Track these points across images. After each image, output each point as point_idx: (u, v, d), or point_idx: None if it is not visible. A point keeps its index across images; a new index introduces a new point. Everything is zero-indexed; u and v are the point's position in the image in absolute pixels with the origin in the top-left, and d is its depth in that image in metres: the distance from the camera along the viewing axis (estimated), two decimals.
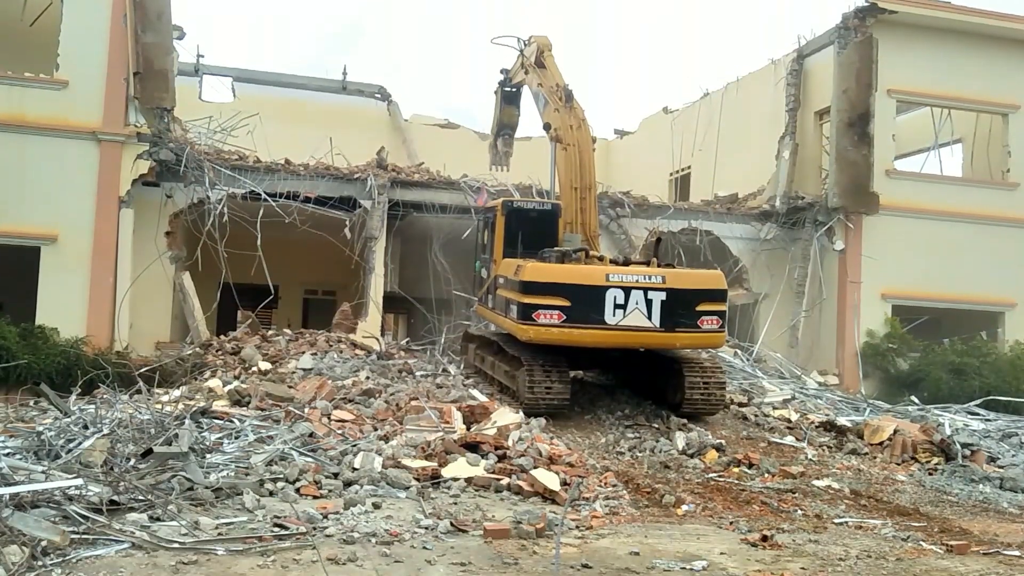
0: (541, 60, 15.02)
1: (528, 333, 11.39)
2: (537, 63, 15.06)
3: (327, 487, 8.48)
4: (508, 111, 17.37)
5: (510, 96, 17.20)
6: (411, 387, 12.77)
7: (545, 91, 14.57)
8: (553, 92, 14.38)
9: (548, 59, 15.00)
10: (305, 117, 24.10)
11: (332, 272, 20.16)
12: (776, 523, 8.28)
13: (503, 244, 13.33)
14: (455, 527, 7.40)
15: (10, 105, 15.33)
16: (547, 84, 14.62)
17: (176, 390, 12.71)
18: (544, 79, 14.74)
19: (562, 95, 14.16)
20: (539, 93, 14.89)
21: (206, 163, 16.46)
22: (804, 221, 19.35)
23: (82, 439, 8.90)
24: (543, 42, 15.17)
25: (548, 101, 14.40)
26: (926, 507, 9.64)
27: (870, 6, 18.68)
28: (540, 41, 15.21)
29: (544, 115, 14.62)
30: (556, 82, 14.56)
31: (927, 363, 18.10)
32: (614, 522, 8.01)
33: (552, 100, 14.27)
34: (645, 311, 11.28)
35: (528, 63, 15.38)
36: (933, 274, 19.13)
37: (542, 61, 14.99)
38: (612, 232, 18.53)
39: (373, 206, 17.18)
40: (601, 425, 12.03)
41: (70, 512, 6.85)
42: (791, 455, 11.54)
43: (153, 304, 16.18)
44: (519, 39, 15.77)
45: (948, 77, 19.40)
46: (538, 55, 15.08)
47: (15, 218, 15.23)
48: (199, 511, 7.42)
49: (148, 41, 15.94)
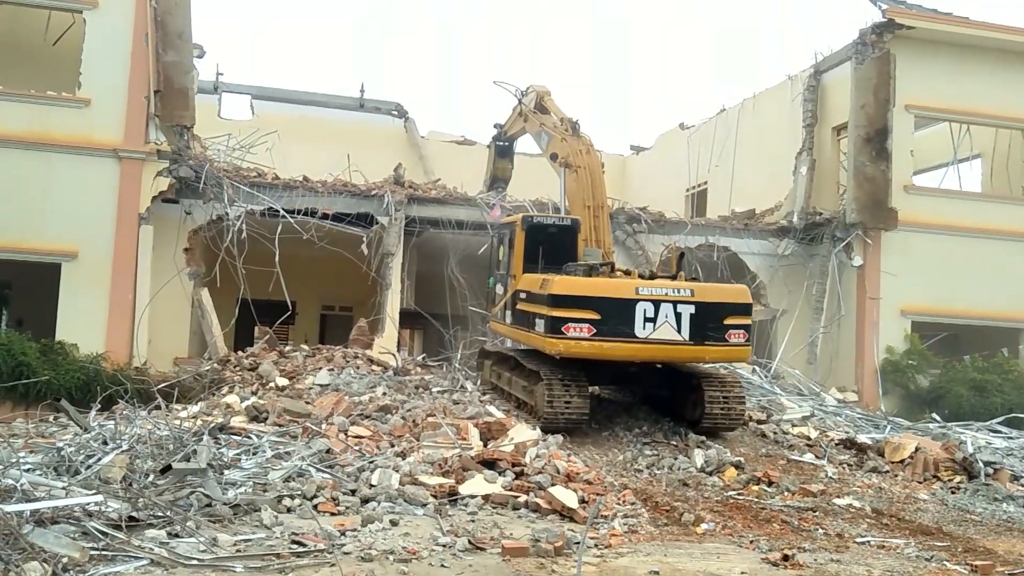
0: (542, 105, 15.76)
1: (558, 347, 11.30)
2: (538, 108, 15.75)
3: (344, 504, 8.46)
4: (501, 164, 18.26)
5: (503, 150, 18.12)
6: (428, 403, 12.74)
7: (548, 128, 15.10)
8: (558, 127, 14.88)
9: (549, 103, 15.77)
10: (323, 134, 24.31)
11: (349, 288, 20.26)
12: (797, 542, 8.18)
13: (523, 259, 13.29)
14: (473, 545, 7.36)
15: (33, 123, 15.53)
16: (549, 123, 15.19)
17: (194, 406, 12.77)
18: (546, 120, 15.36)
19: (568, 127, 14.61)
20: (541, 132, 15.42)
21: (225, 180, 16.60)
22: (822, 237, 19.28)
23: (101, 455, 8.96)
24: (542, 90, 16.02)
25: (552, 136, 14.85)
26: (949, 526, 9.50)
27: (888, 22, 18.64)
28: (539, 90, 16.06)
29: (549, 148, 15.06)
30: (560, 117, 15.13)
31: (948, 380, 17.94)
32: (633, 541, 7.93)
33: (558, 133, 14.73)
34: (675, 324, 11.25)
35: (528, 110, 16.06)
36: (953, 290, 18.96)
37: (543, 106, 15.72)
38: (629, 248, 18.53)
39: (390, 222, 17.26)
40: (619, 442, 11.96)
41: (90, 528, 6.85)
42: (811, 473, 11.43)
43: (171, 320, 16.26)
44: (517, 88, 16.43)
45: (966, 92, 19.28)
46: (538, 101, 15.83)
47: (36, 235, 15.40)
48: (217, 528, 7.41)
49: (169, 60, 16.14)
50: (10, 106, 15.55)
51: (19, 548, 6.05)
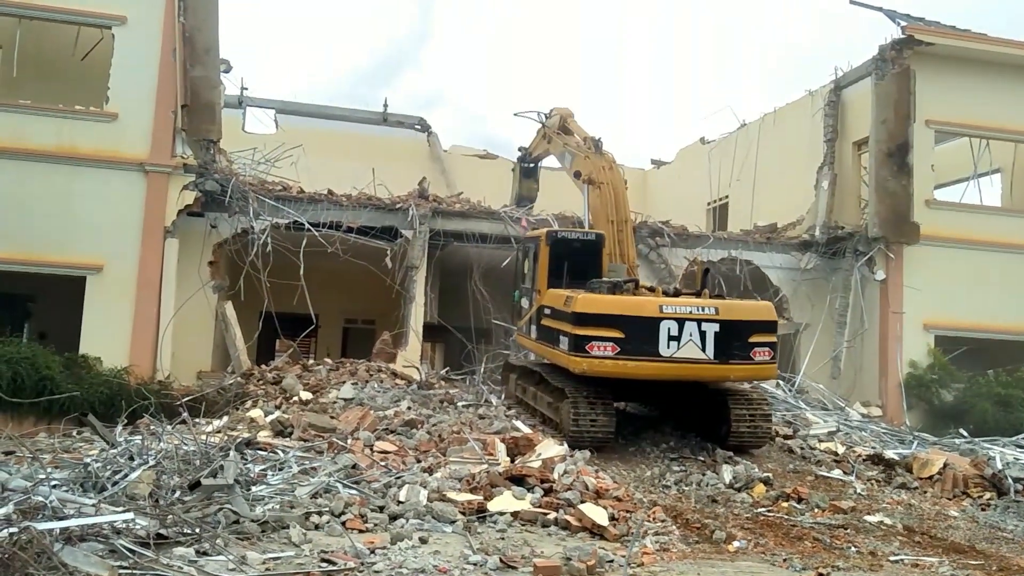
0: (565, 126, 15.92)
1: (581, 365, 11.21)
2: (562, 129, 15.89)
3: (372, 520, 8.40)
4: (527, 185, 18.51)
5: (528, 171, 18.37)
6: (453, 418, 12.72)
7: (572, 148, 15.21)
8: (581, 146, 14.99)
9: (572, 124, 15.94)
10: (347, 148, 24.47)
11: (371, 301, 20.28)
12: (830, 560, 8.08)
13: (548, 274, 13.27)
14: (504, 563, 7.29)
15: (61, 137, 15.68)
16: (573, 143, 15.29)
17: (219, 420, 12.79)
18: (569, 140, 15.48)
19: (591, 145, 14.70)
20: (564, 153, 15.53)
21: (251, 194, 16.70)
22: (844, 251, 19.21)
23: (128, 471, 8.93)
24: (565, 112, 16.23)
25: (575, 155, 14.97)
26: (981, 544, 9.38)
27: (907, 38, 18.66)
28: (562, 112, 16.27)
29: (572, 167, 15.13)
30: (583, 136, 15.25)
31: (972, 395, 17.79)
32: (665, 559, 7.85)
33: (581, 152, 14.83)
34: (699, 343, 11.12)
35: (551, 132, 16.18)
36: (976, 304, 18.87)
37: (566, 127, 15.88)
38: (652, 262, 18.51)
39: (414, 236, 17.31)
40: (646, 458, 11.88)
41: (118, 546, 6.79)
42: (839, 489, 11.31)
43: (195, 333, 16.31)
44: (540, 113, 16.62)
45: (986, 108, 19.27)
46: (561, 123, 15.98)
47: (63, 248, 15.51)
48: (246, 545, 7.36)
49: (196, 75, 16.29)
50: (39, 121, 15.71)
51: (51, 567, 6.01)
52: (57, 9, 15.97)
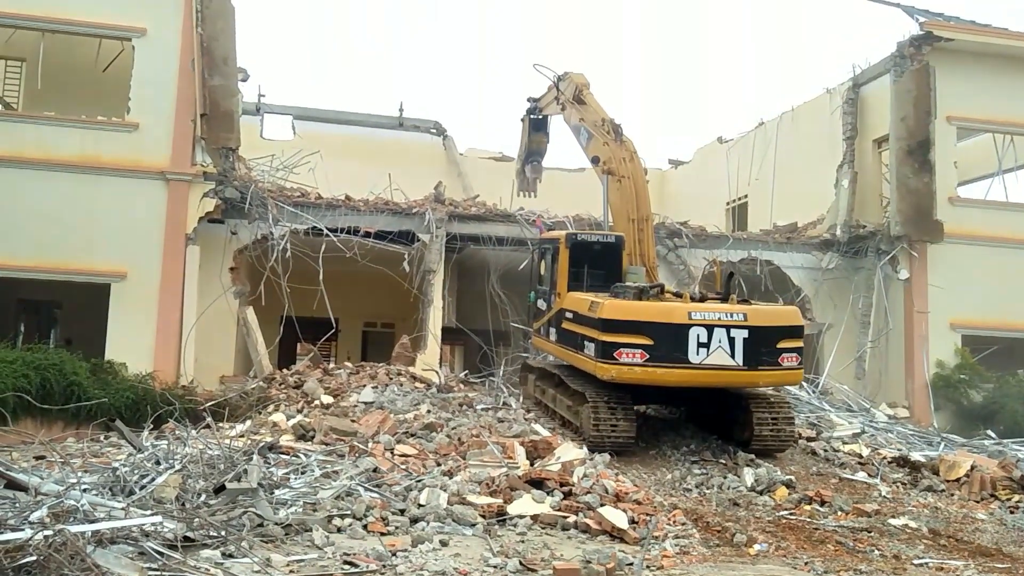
0: (580, 97, 15.01)
1: (610, 372, 11.13)
2: (576, 99, 15.04)
3: (394, 523, 8.46)
4: (537, 138, 17.51)
5: (538, 123, 17.36)
6: (472, 421, 12.74)
7: (588, 126, 14.58)
8: (599, 127, 14.36)
9: (588, 96, 15.01)
10: (363, 153, 24.52)
11: (390, 305, 20.36)
12: (853, 564, 8.02)
13: (567, 277, 13.20)
14: (524, 566, 7.32)
15: (84, 148, 15.86)
16: (589, 119, 14.61)
17: (242, 424, 12.90)
18: (586, 115, 14.75)
19: (609, 129, 14.10)
20: (580, 127, 14.90)
21: (269, 200, 16.84)
22: (866, 250, 19.03)
23: (155, 475, 9.08)
24: (580, 80, 15.20)
25: (593, 135, 14.38)
26: (1009, 547, 9.25)
27: (926, 34, 18.47)
28: (577, 79, 15.25)
29: (590, 149, 14.61)
30: (601, 117, 14.52)
31: (1001, 395, 17.55)
32: (685, 562, 7.83)
33: (599, 134, 14.25)
34: (728, 349, 10.98)
35: (565, 99, 15.40)
36: (1003, 303, 18.60)
37: (581, 98, 14.98)
38: (670, 263, 18.41)
39: (431, 240, 17.36)
40: (666, 461, 11.83)
41: (147, 548, 6.93)
42: (864, 492, 11.20)
43: (217, 338, 16.46)
44: (555, 73, 15.83)
45: (1008, 103, 19.05)
46: (576, 92, 15.08)
47: (87, 256, 15.68)
48: (270, 548, 7.47)
49: (214, 84, 16.44)
50: (62, 132, 15.93)
51: (84, 568, 6.13)
52: (79, 22, 16.19)
